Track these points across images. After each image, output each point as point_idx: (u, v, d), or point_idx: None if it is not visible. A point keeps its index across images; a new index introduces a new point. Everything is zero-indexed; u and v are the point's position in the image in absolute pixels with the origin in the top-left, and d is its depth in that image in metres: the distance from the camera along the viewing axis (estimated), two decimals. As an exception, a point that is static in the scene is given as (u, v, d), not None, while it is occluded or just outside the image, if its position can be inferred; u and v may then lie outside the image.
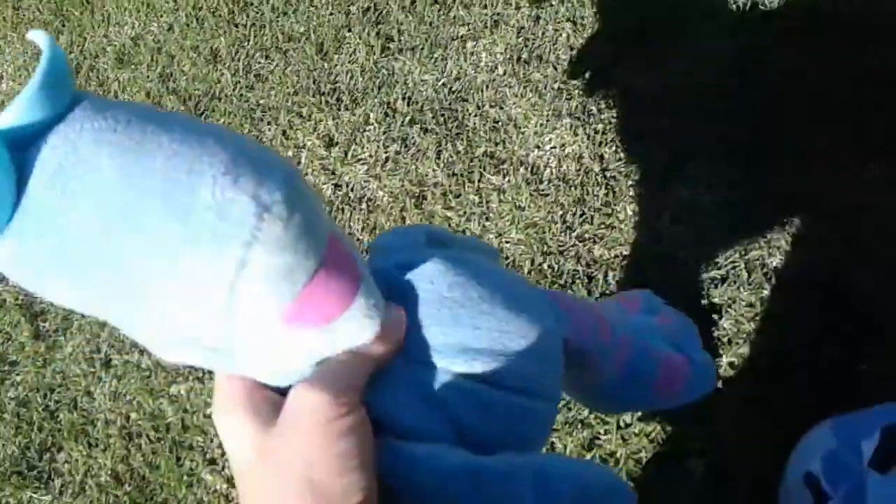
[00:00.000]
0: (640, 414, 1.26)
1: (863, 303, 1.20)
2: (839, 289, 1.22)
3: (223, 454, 1.53)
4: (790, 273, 1.28)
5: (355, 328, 0.35)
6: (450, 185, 1.62)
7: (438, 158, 1.65)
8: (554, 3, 1.71)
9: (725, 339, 1.27)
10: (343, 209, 1.70)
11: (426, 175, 1.65)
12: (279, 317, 0.32)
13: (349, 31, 1.85)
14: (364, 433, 0.36)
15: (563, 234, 1.49)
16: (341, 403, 0.35)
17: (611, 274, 1.42)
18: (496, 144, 1.62)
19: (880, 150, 1.28)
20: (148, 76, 2.06)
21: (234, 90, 1.94)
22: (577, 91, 1.60)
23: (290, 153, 1.81)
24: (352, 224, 1.68)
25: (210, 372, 1.63)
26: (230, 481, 1.52)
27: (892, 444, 0.95)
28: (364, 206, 1.69)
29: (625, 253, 1.42)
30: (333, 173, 1.75)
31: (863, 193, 1.26)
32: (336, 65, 1.84)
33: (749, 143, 1.40)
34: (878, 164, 1.27)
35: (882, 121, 1.30)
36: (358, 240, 1.66)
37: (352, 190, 1.72)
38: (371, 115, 1.75)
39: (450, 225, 1.58)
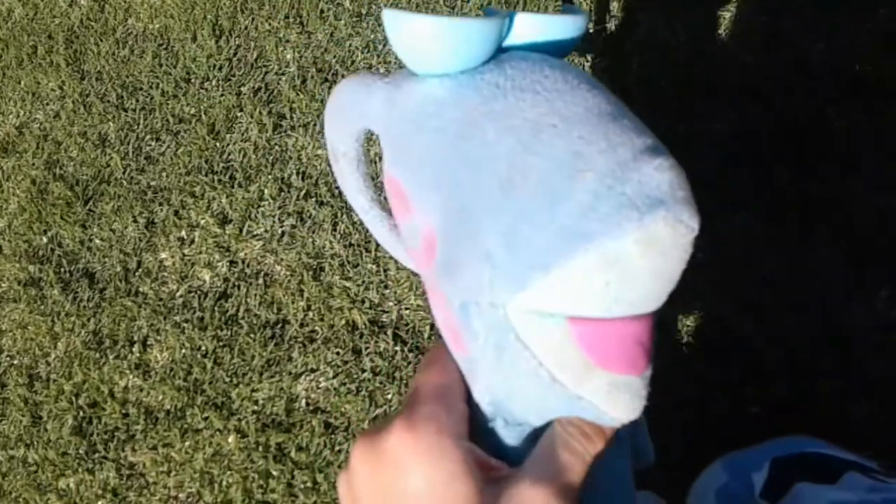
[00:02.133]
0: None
1: (744, 349, 1.25)
2: (721, 337, 1.27)
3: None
4: (674, 325, 1.33)
5: (628, 399, 0.28)
6: (347, 256, 1.61)
7: (335, 230, 1.65)
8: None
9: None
10: (239, 286, 1.67)
11: (323, 247, 1.64)
12: (572, 328, 0.26)
13: (241, 110, 1.86)
14: None
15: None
16: (568, 489, 0.28)
17: (509, 333, 1.43)
18: (391, 213, 1.63)
19: (744, 202, 1.36)
20: (33, 163, 2.00)
21: (124, 173, 1.90)
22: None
23: (183, 233, 1.78)
24: (249, 300, 1.64)
25: (101, 462, 1.54)
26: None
27: (781, 475, 0.96)
28: (261, 281, 1.66)
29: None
30: (228, 250, 1.72)
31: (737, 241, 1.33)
32: (228, 144, 1.83)
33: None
34: (743, 213, 1.35)
35: (744, 174, 1.39)
36: (255, 315, 1.62)
37: (248, 266, 1.69)
38: (265, 191, 1.74)
39: (348, 294, 1.57)
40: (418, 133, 0.29)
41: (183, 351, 1.63)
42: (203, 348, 1.63)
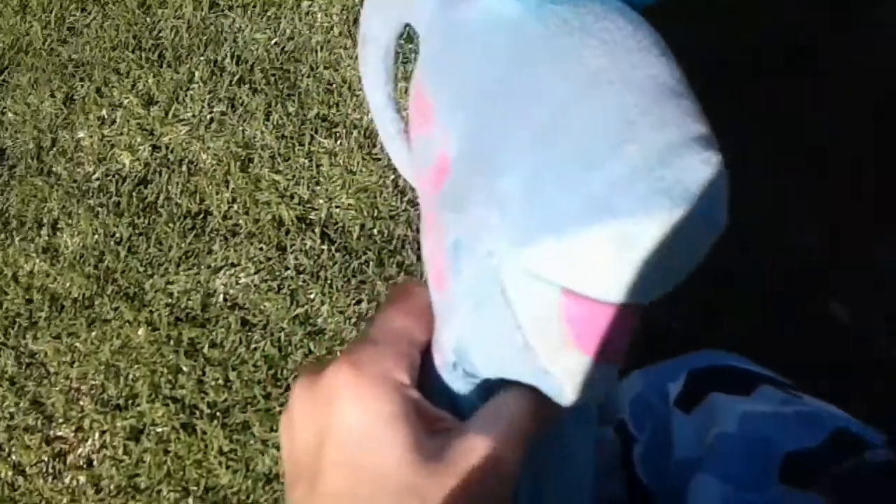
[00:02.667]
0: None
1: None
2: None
3: None
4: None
5: (595, 385, 0.27)
6: (278, 148, 1.51)
7: (268, 120, 1.55)
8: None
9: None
10: (160, 172, 1.56)
11: (254, 137, 1.54)
12: (564, 301, 0.24)
13: (176, -15, 1.71)
14: None
15: (394, 198, 1.42)
16: (518, 447, 0.27)
17: (443, 239, 1.36)
18: (329, 107, 1.54)
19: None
20: (-56, 27, 1.83)
21: (44, 43, 1.75)
22: (413, 54, 1.55)
23: (104, 112, 1.65)
24: (170, 188, 1.54)
25: None
26: None
27: (697, 385, 0.95)
28: (184, 168, 1.55)
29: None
30: (151, 134, 1.60)
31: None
32: (160, 20, 1.70)
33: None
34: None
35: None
36: (176, 204, 1.52)
37: (171, 152, 1.58)
38: (196, 74, 1.62)
39: (277, 188, 1.48)
40: (465, 44, 0.27)
41: (95, 237, 1.53)
42: (117, 235, 1.52)
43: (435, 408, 0.28)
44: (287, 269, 1.42)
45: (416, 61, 0.30)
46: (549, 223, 0.23)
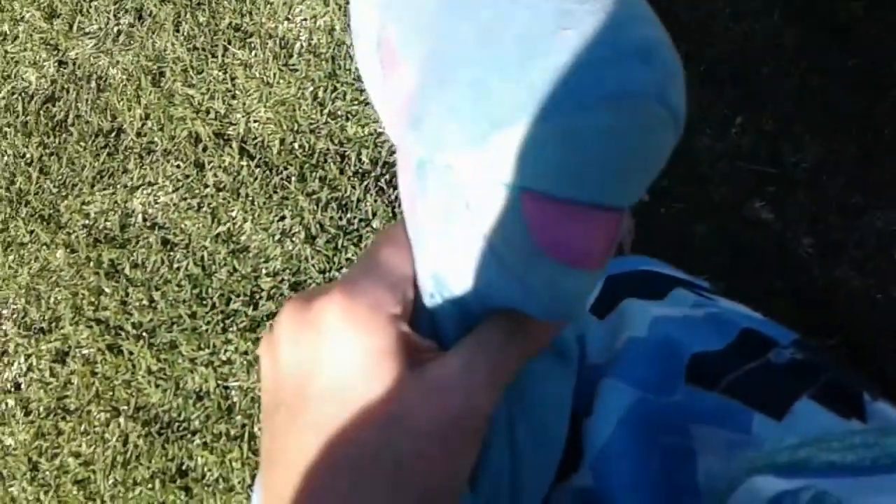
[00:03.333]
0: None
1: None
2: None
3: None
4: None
5: (570, 293, 0.27)
6: (191, 61, 1.46)
7: (178, 31, 1.48)
8: None
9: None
10: (68, 89, 1.49)
11: (164, 50, 1.48)
12: (524, 203, 0.24)
13: None
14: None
15: (314, 111, 1.39)
16: (494, 379, 0.27)
17: (364, 152, 1.35)
18: (242, 16, 1.48)
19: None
20: None
21: (-70, -48, 1.62)
22: None
23: (5, 27, 1.56)
24: (79, 105, 1.48)
25: None
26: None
27: (613, 291, 0.95)
28: (94, 84, 1.49)
29: (379, 130, 1.36)
30: (57, 49, 1.52)
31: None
32: (56, -76, 1.58)
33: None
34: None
35: None
36: (87, 122, 1.47)
37: (79, 67, 1.51)
38: (99, -17, 1.53)
39: (192, 103, 1.43)
40: None
41: (5, 158, 1.47)
42: (28, 156, 1.47)
43: (421, 338, 0.28)
44: (206, 186, 1.39)
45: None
46: (496, 118, 0.23)
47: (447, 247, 0.26)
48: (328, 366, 0.26)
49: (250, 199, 1.37)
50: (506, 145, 0.23)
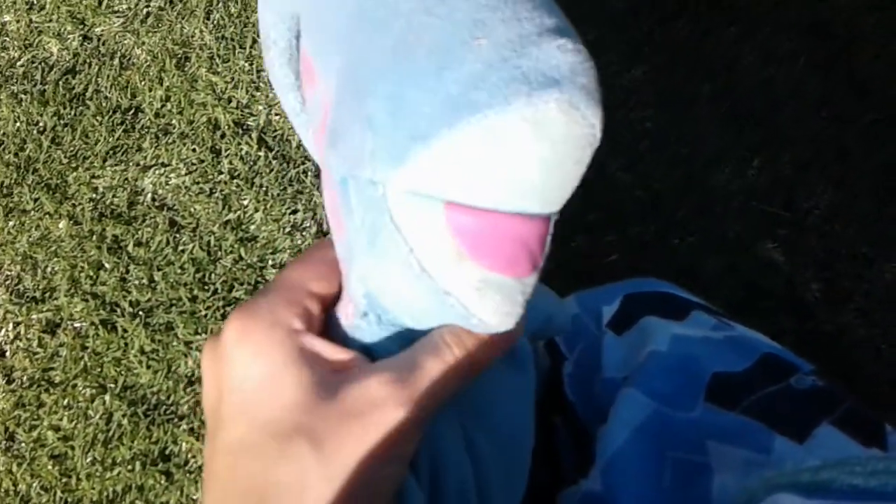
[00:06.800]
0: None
1: (611, 189, 1.23)
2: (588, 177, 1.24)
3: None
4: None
5: (500, 302, 0.26)
6: (218, 49, 1.46)
7: (208, 19, 1.49)
8: None
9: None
10: (90, 63, 1.49)
11: (192, 36, 1.48)
12: (447, 213, 0.24)
13: None
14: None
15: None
16: (425, 396, 0.26)
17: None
18: (274, 12, 1.48)
19: (642, 55, 1.31)
20: None
21: (-34, -84, 1.62)
22: None
23: (32, -3, 1.55)
24: (100, 80, 1.47)
25: None
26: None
27: (631, 309, 0.96)
28: (116, 62, 1.48)
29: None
30: (83, 23, 1.52)
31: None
32: None
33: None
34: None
35: (646, 26, 1.33)
36: (106, 97, 1.46)
37: (103, 44, 1.50)
38: (134, -36, 1.54)
39: (214, 90, 1.43)
40: None
41: (17, 124, 1.45)
42: (41, 124, 1.45)
43: (342, 350, 0.27)
44: (221, 172, 1.38)
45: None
46: (416, 133, 0.23)
47: (374, 261, 0.26)
48: (233, 388, 0.27)
49: (264, 189, 1.36)
50: (426, 157, 0.23)
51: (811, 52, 1.28)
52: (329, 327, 0.29)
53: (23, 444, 1.24)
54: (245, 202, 1.36)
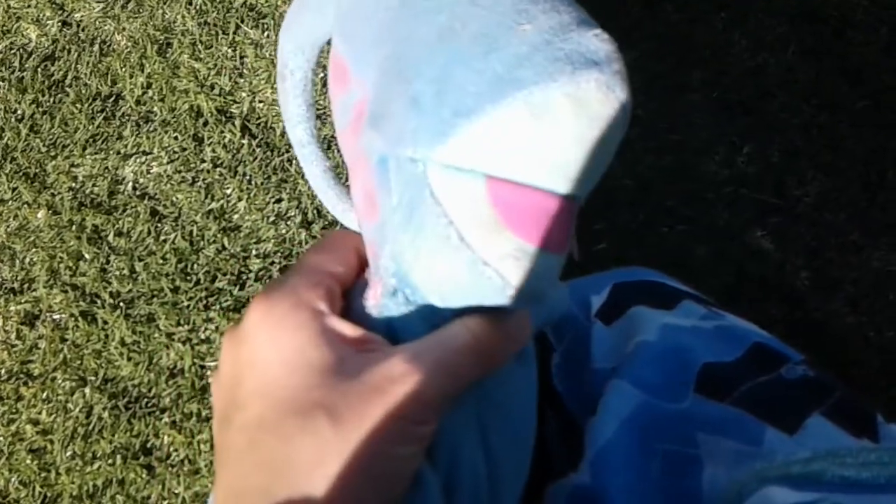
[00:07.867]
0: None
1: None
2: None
3: None
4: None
5: (535, 273, 0.27)
6: (200, 35, 1.43)
7: (190, 4, 1.46)
8: None
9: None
10: (69, 50, 1.46)
11: (174, 21, 1.45)
12: (489, 186, 0.25)
13: None
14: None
15: (321, 97, 1.37)
16: (449, 380, 0.27)
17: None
18: (258, -3, 1.46)
19: (633, 41, 1.29)
20: None
21: None
22: None
23: (9, -18, 1.52)
24: (79, 67, 1.44)
25: None
26: None
27: (620, 299, 0.95)
28: (97, 48, 1.45)
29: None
30: (62, 8, 1.49)
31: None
32: None
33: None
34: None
35: (636, 12, 1.31)
36: (85, 84, 1.43)
37: (83, 30, 1.47)
38: (114, -52, 1.50)
39: (196, 77, 1.40)
40: None
41: (-6, 112, 1.42)
42: (19, 112, 1.42)
43: (365, 331, 0.28)
44: (203, 161, 1.36)
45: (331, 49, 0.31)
46: (460, 108, 0.24)
47: (411, 239, 0.26)
48: (255, 369, 0.27)
49: (248, 177, 1.34)
50: (470, 133, 0.24)
51: (802, 38, 1.27)
52: (348, 311, 0.29)
53: (0, 439, 1.21)
54: (228, 191, 1.34)
